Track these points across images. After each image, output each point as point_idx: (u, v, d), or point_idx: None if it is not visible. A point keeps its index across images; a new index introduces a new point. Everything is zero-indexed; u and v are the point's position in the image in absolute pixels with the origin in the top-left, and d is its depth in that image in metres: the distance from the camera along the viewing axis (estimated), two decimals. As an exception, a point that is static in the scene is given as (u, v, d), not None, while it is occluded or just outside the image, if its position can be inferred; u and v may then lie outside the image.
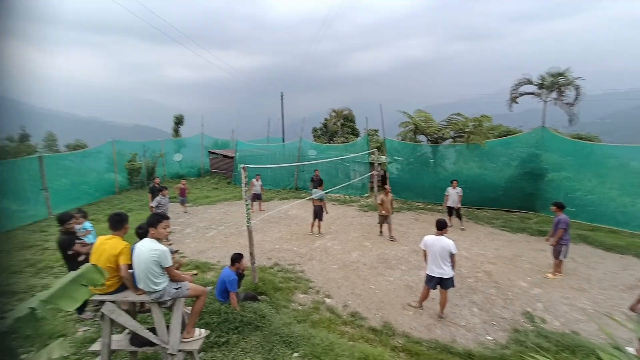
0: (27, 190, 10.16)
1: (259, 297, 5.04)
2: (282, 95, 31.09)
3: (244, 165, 5.51)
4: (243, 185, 5.47)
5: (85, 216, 5.24)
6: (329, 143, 26.69)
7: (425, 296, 5.24)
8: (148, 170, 16.63)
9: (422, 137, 13.68)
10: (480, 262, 7.00)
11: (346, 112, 31.88)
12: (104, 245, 3.04)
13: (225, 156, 19.30)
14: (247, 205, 5.53)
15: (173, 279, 3.11)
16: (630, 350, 3.95)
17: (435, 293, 5.21)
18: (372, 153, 13.94)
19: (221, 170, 19.33)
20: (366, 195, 14.16)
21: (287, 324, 4.26)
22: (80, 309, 4.51)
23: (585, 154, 9.86)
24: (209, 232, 9.18)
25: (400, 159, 14.01)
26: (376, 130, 27.06)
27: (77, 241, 4.60)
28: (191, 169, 20.36)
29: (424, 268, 6.65)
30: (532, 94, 14.01)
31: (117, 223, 3.19)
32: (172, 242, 7.89)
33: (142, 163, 16.22)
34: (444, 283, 4.94)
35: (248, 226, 5.49)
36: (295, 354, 3.74)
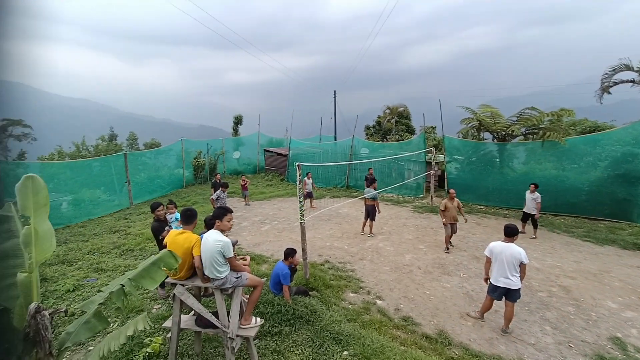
0: (115, 183, 11.80)
1: (310, 293, 5.13)
2: (334, 93, 31.23)
3: (298, 163, 5.64)
4: (298, 182, 5.62)
5: (176, 206, 5.90)
6: (383, 141, 26.07)
7: (487, 307, 4.81)
8: (210, 166, 18.10)
9: (487, 135, 12.58)
10: (555, 276, 6.18)
11: (401, 109, 30.81)
12: (177, 240, 3.34)
13: (279, 154, 20.09)
14: (300, 202, 5.67)
15: (234, 269, 3.32)
16: None
17: (500, 305, 4.74)
18: (429, 152, 13.24)
19: (275, 167, 20.17)
20: (421, 195, 13.51)
21: (337, 321, 4.26)
22: (161, 285, 5.07)
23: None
24: (264, 227, 9.64)
25: (460, 158, 13.07)
26: (434, 128, 25.66)
27: (166, 228, 5.18)
28: (248, 165, 21.64)
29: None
30: (631, 82, 11.86)
31: (189, 218, 3.48)
32: (229, 234, 8.47)
33: (206, 160, 17.70)
34: (511, 295, 4.47)
35: (301, 222, 5.62)
36: (345, 352, 3.72)
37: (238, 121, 26.24)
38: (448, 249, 7.51)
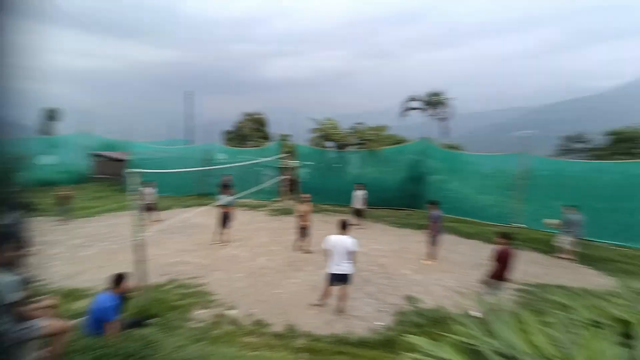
0: None
1: (149, 321, 4.50)
2: (189, 95, 28.71)
3: (135, 169, 4.87)
4: (134, 193, 4.83)
5: None
6: (241, 147, 25.86)
7: (327, 294, 5.51)
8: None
9: (330, 143, 14.60)
10: (375, 257, 7.81)
11: (259, 117, 31.48)
12: None
13: (114, 159, 16.69)
14: (137, 215, 4.90)
15: (20, 318, 2.50)
16: (476, 313, 5.11)
17: (336, 289, 5.57)
18: (283, 158, 14.13)
19: (109, 175, 16.62)
20: (276, 199, 14.24)
21: (180, 346, 3.92)
22: None
23: (454, 161, 12.20)
24: (87, 251, 7.77)
25: (310, 163, 14.59)
26: (288, 136, 27.56)
27: None
28: (67, 174, 16.86)
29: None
30: (417, 109, 16.54)
31: None
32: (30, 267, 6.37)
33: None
34: (344, 279, 5.25)
35: (137, 240, 4.86)
36: (189, 377, 3.48)
37: (52, 116, 20.10)
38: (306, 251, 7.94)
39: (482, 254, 8.10)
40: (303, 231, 8.06)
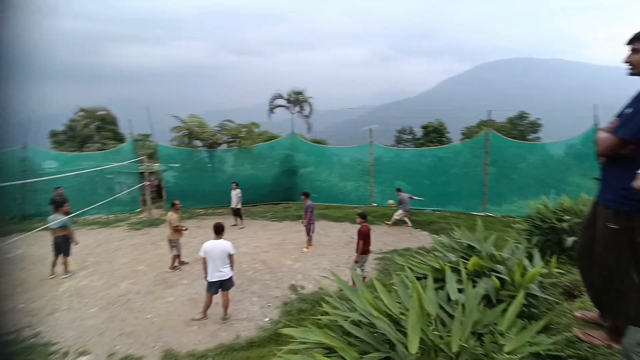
0: None
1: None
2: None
3: None
4: None
5: None
6: (80, 151, 20.62)
7: (208, 304, 5.19)
8: None
9: (198, 143, 13.51)
10: (257, 254, 7.86)
11: (103, 113, 25.77)
12: None
13: None
14: None
15: None
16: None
17: (218, 297, 5.33)
18: (142, 161, 12.19)
19: None
20: (138, 210, 12.23)
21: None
22: None
23: (320, 154, 13.50)
24: None
25: (176, 165, 13.13)
26: (147, 136, 23.82)
27: None
28: None
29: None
30: (283, 106, 17.36)
31: None
32: None
33: None
34: (225, 285, 5.07)
35: None
36: None
37: None
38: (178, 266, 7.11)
39: (349, 233, 9.42)
40: (175, 243, 7.09)
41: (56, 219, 6.61)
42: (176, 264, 7.06)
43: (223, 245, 5.04)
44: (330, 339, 1.79)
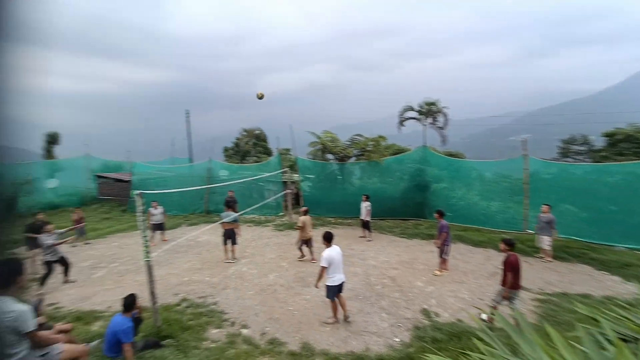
0: None
1: (163, 342, 4.44)
2: (187, 113, 29.01)
3: (139, 191, 4.89)
4: (139, 214, 4.84)
5: None
6: (242, 163, 25.97)
7: (336, 308, 5.43)
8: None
9: (330, 156, 14.68)
10: (385, 269, 7.74)
11: (258, 132, 31.75)
12: None
13: (118, 180, 16.72)
14: (144, 236, 4.89)
15: (38, 346, 2.47)
16: (484, 316, 5.17)
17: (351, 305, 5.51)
18: (285, 172, 14.18)
19: (114, 196, 16.62)
20: (281, 214, 14.19)
21: (197, 367, 3.86)
22: None
23: (455, 168, 12.20)
24: (97, 272, 7.70)
25: (311, 176, 14.62)
26: (288, 150, 27.75)
27: None
28: (71, 196, 16.88)
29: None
30: (414, 118, 16.74)
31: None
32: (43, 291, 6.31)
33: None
34: (341, 288, 5.37)
35: (147, 261, 4.84)
36: (209, 400, 3.40)
37: (53, 140, 20.29)
38: (303, 256, 8.38)
39: (494, 262, 8.07)
40: (306, 242, 8.25)
41: (228, 215, 8.40)
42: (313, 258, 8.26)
43: (339, 250, 5.38)
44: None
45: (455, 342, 4.66)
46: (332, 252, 5.28)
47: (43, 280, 6.71)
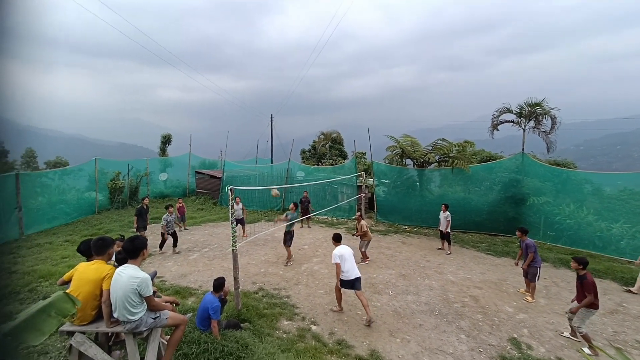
0: (0, 210, 9.68)
1: (242, 325, 4.84)
2: (271, 117, 31.48)
3: (231, 186, 5.47)
4: (230, 207, 5.41)
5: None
6: (318, 165, 26.91)
7: (340, 297, 5.78)
8: (131, 189, 16.22)
9: (408, 161, 14.02)
10: (466, 287, 6.99)
11: (334, 135, 32.48)
12: (87, 271, 2.90)
13: (212, 176, 19.10)
14: (233, 227, 5.44)
15: (152, 309, 2.96)
16: (586, 350, 4.72)
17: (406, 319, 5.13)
18: (360, 176, 14.11)
19: (207, 190, 19.05)
20: (354, 217, 14.15)
21: (270, 353, 4.08)
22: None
23: (562, 180, 10.26)
24: (192, 255, 8.89)
25: (387, 181, 14.21)
26: (364, 153, 27.56)
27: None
28: (176, 188, 20.01)
29: (412, 293, 6.63)
30: (511, 122, 14.73)
31: (101, 248, 3.08)
32: (144, 265, 7.60)
33: (126, 182, 15.83)
34: (357, 284, 5.49)
35: (233, 249, 5.36)
36: (278, 387, 3.56)
37: (166, 140, 24.37)
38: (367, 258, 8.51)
39: (613, 298, 6.56)
40: (365, 243, 8.51)
41: (293, 216, 8.72)
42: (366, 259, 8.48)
43: (349, 249, 5.74)
44: None
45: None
46: (342, 250, 5.65)
47: (161, 245, 9.14)
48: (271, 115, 32.02)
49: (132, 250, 2.96)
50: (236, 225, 11.01)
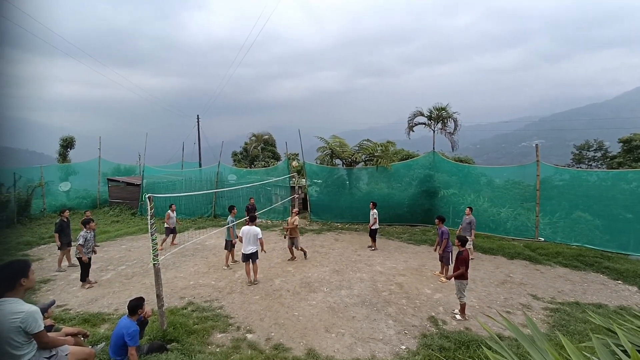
0: None
1: (168, 346, 4.44)
2: (198, 118, 29.47)
3: (149, 194, 4.96)
4: (149, 217, 4.91)
5: None
6: (250, 167, 26.20)
7: (247, 271, 7.23)
8: (20, 203, 13.43)
9: (338, 161, 14.67)
10: (392, 275, 7.64)
11: (266, 137, 32.06)
12: None
13: (129, 184, 17.02)
14: (153, 239, 4.94)
15: (45, 347, 2.48)
16: (458, 317, 5.67)
17: (355, 311, 5.42)
18: (293, 177, 14.21)
19: (124, 200, 16.90)
20: (288, 218, 14.19)
21: (201, 371, 3.84)
22: None
23: (465, 174, 12.02)
24: (105, 275, 7.79)
25: (319, 181, 14.62)
26: (296, 155, 27.85)
27: None
28: (83, 199, 17.27)
29: (345, 287, 6.95)
30: (424, 124, 16.63)
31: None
32: (50, 291, 6.42)
33: (11, 194, 13.03)
34: (253, 257, 7.12)
35: (155, 264, 4.88)
36: (212, 405, 3.38)
37: (67, 144, 20.87)
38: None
39: (504, 270, 7.89)
40: (291, 240, 8.83)
41: (232, 221, 8.43)
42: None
43: (254, 230, 7.13)
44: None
45: (463, 351, 4.56)
46: (245, 228, 7.13)
47: (83, 276, 7.10)
48: (197, 115, 29.95)
49: (6, 280, 2.37)
50: (167, 235, 10.14)
